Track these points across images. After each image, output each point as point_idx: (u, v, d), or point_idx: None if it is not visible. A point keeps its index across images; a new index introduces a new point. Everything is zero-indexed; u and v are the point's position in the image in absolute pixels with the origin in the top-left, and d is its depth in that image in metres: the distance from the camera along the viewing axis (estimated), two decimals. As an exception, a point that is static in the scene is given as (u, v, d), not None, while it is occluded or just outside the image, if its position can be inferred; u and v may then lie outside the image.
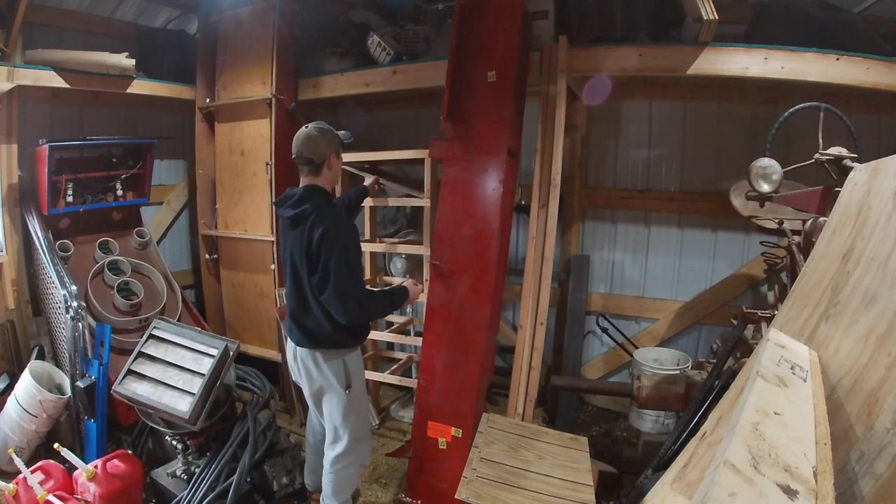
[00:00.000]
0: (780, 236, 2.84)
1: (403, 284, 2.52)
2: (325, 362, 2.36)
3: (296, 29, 3.86)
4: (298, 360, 2.44)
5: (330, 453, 2.48)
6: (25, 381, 2.90)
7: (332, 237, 2.17)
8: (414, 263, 3.86)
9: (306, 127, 2.33)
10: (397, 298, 2.45)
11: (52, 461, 2.58)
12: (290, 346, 2.50)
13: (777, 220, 2.70)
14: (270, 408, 3.04)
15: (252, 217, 3.92)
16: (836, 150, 1.99)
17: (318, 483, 2.71)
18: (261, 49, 3.76)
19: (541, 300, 3.02)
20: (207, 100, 4.06)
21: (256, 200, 3.87)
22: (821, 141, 2.05)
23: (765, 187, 2.15)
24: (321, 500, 2.58)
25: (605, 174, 4.00)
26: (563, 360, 3.88)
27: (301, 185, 2.36)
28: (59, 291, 3.06)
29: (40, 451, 2.96)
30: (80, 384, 2.87)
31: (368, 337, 3.64)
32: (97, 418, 2.90)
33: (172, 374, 2.50)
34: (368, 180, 3.22)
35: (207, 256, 4.26)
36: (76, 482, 2.54)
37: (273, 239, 3.78)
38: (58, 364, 3.29)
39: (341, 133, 2.41)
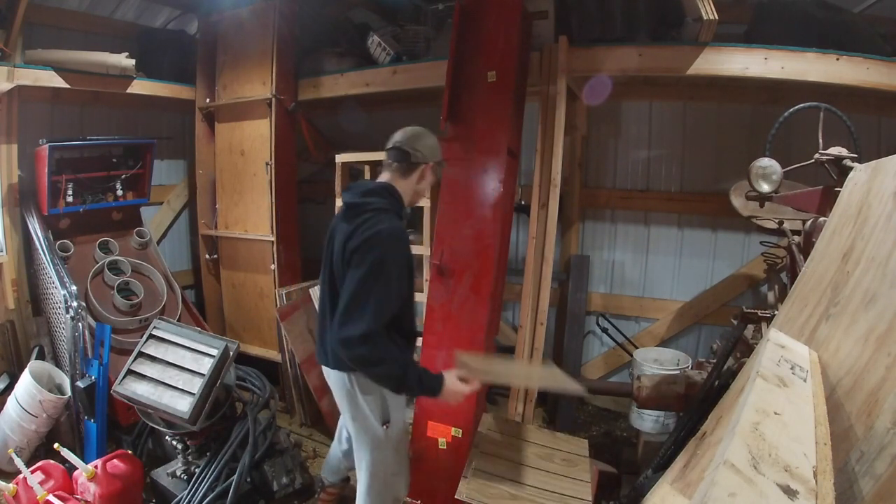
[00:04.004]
0: (780, 236, 2.84)
1: (444, 373, 1.94)
2: (361, 389, 1.99)
3: (296, 29, 3.87)
4: (330, 383, 2.10)
5: (360, 488, 2.14)
6: (25, 381, 2.90)
7: (373, 250, 1.79)
8: (414, 264, 3.85)
9: (411, 126, 2.06)
10: (423, 382, 1.89)
11: (52, 461, 2.57)
12: (323, 367, 2.16)
13: (777, 220, 2.70)
14: (270, 408, 3.04)
15: (252, 217, 3.92)
16: (836, 150, 1.99)
17: (337, 480, 2.64)
18: (261, 49, 3.76)
19: (541, 300, 3.02)
20: (207, 100, 4.06)
21: (256, 200, 3.87)
22: (821, 141, 2.05)
23: (765, 187, 2.15)
24: (321, 477, 2.49)
25: (605, 174, 4.00)
26: (563, 360, 3.88)
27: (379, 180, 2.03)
28: (59, 291, 3.06)
29: (40, 451, 2.96)
30: (80, 384, 2.87)
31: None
32: (97, 418, 2.90)
33: (172, 374, 2.50)
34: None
35: (207, 256, 4.26)
36: (76, 482, 2.54)
37: (273, 239, 3.78)
38: (58, 364, 3.29)
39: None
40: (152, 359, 2.56)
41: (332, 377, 2.05)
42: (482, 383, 1.99)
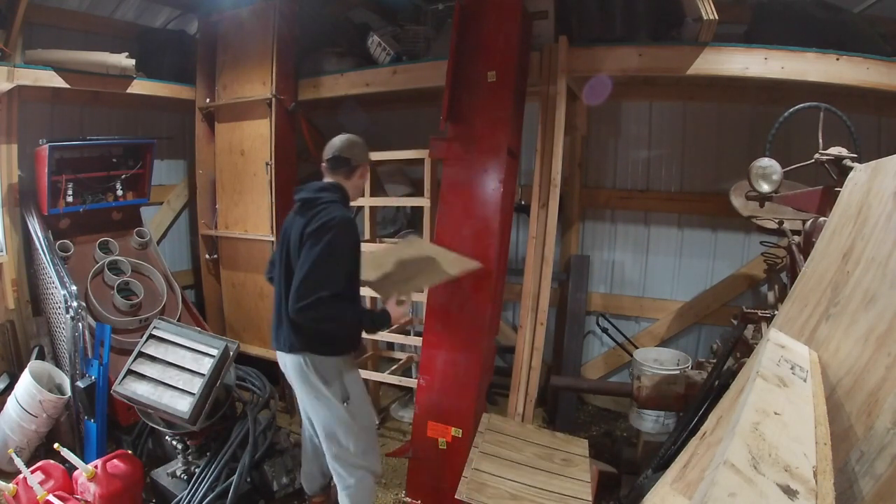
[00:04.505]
0: (780, 236, 2.84)
1: (387, 308, 2.25)
2: (316, 370, 2.17)
3: (296, 29, 3.86)
4: (287, 371, 2.30)
5: (336, 471, 2.29)
6: (25, 381, 2.90)
7: (329, 231, 2.04)
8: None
9: (342, 134, 2.35)
10: (375, 321, 2.21)
11: (52, 461, 2.58)
12: (279, 355, 2.35)
13: (777, 220, 2.70)
14: (270, 408, 3.04)
15: (252, 217, 3.92)
16: (836, 150, 1.98)
17: (316, 488, 2.67)
18: (261, 49, 3.75)
19: (541, 300, 3.02)
20: (207, 100, 4.06)
21: (256, 200, 3.87)
22: (821, 141, 2.05)
23: (765, 187, 2.15)
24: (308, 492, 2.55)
25: (605, 174, 4.00)
26: (563, 360, 3.88)
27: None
28: (59, 291, 3.06)
29: (40, 451, 2.96)
30: (80, 384, 2.87)
31: (369, 337, 3.66)
32: (97, 418, 2.90)
33: (172, 374, 2.50)
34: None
35: (207, 256, 4.25)
36: (76, 482, 2.54)
37: (273, 239, 3.78)
38: (58, 364, 3.29)
39: None
40: (152, 359, 2.56)
41: (289, 362, 2.24)
42: (410, 299, 2.39)
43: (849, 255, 1.28)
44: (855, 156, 1.94)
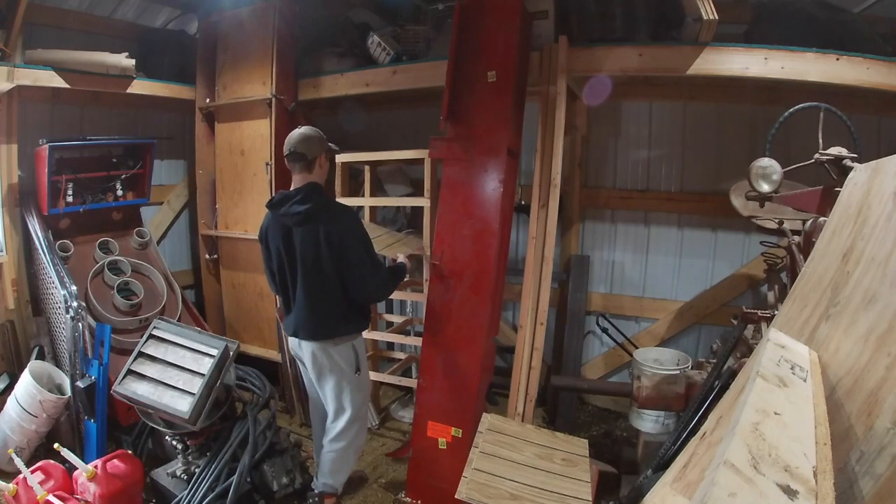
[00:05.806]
0: (780, 236, 2.84)
1: (400, 262, 2.76)
2: (336, 349, 2.52)
3: (296, 29, 3.87)
4: (306, 352, 2.57)
5: (332, 431, 2.62)
6: (25, 381, 2.90)
7: (352, 226, 2.41)
8: (414, 263, 3.86)
9: (299, 128, 2.49)
10: (403, 270, 2.72)
11: (52, 461, 2.58)
12: (293, 340, 2.63)
13: (777, 220, 2.70)
14: (270, 408, 3.03)
15: (252, 217, 3.92)
16: (836, 150, 1.98)
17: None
18: (261, 49, 3.76)
19: (541, 300, 3.02)
20: (207, 100, 4.06)
21: (256, 200, 3.87)
22: (821, 141, 2.05)
23: (765, 187, 2.15)
24: (315, 478, 2.69)
25: (605, 174, 4.00)
26: (563, 360, 3.88)
27: (297, 185, 2.44)
28: (59, 291, 3.06)
29: (40, 451, 2.96)
30: (80, 384, 2.87)
31: (369, 337, 3.67)
32: (97, 418, 2.90)
33: (172, 374, 2.50)
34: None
35: (207, 256, 4.26)
36: (76, 482, 2.54)
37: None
38: (58, 364, 3.29)
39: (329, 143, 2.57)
40: (152, 359, 2.56)
41: (312, 347, 2.53)
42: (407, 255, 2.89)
43: (849, 255, 1.28)
44: (855, 156, 1.94)
